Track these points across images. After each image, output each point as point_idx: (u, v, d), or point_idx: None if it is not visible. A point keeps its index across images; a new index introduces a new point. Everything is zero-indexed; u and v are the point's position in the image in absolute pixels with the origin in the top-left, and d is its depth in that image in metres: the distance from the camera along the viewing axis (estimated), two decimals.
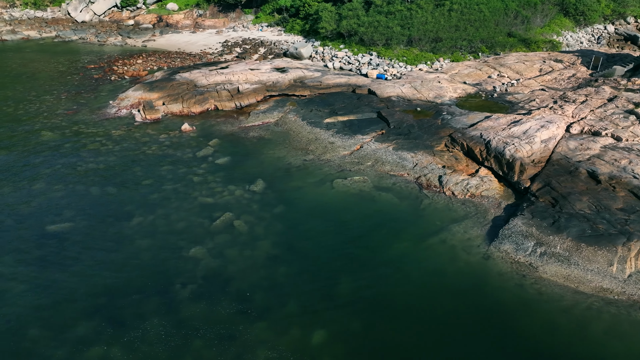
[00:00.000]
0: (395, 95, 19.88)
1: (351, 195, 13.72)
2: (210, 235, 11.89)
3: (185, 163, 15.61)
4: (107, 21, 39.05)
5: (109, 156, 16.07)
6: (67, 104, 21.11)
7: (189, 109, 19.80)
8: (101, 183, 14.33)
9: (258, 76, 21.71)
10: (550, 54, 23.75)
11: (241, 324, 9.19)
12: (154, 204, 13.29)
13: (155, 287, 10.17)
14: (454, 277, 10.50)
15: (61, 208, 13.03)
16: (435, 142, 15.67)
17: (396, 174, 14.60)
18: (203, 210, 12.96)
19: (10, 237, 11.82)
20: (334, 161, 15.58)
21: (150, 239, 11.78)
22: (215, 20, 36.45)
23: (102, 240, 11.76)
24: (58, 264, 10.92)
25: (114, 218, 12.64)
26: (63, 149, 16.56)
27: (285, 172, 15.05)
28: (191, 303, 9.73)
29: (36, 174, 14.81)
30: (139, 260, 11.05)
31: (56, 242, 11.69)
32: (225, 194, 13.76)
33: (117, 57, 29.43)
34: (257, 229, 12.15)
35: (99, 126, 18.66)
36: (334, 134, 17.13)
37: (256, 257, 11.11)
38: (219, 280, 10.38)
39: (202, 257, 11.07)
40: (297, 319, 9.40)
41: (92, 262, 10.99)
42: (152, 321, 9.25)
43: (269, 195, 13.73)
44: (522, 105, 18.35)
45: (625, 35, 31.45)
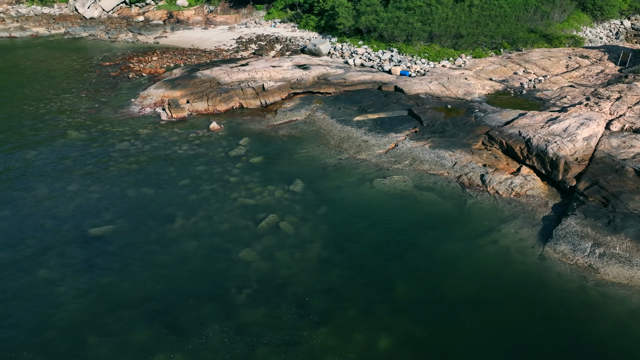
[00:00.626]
0: (424, 92, 19.66)
1: (393, 195, 13.52)
2: (257, 237, 11.67)
3: (218, 163, 15.36)
4: (116, 17, 38.54)
5: (140, 156, 15.80)
6: (89, 103, 20.77)
7: (214, 107, 19.51)
8: (136, 184, 14.07)
9: (281, 73, 21.43)
10: (574, 49, 23.56)
11: (304, 330, 9.00)
12: (194, 205, 13.05)
13: (210, 291, 9.95)
14: (511, 279, 10.33)
15: (100, 210, 12.78)
16: (472, 140, 15.48)
17: (436, 173, 14.42)
18: (245, 212, 12.73)
19: (52, 240, 11.56)
20: (370, 160, 15.37)
21: (196, 241, 11.55)
22: (227, 16, 36.02)
23: (147, 243, 11.53)
24: (106, 269, 10.68)
25: (155, 220, 12.40)
26: (92, 149, 16.26)
27: (322, 172, 14.83)
28: (249, 308, 9.52)
29: (69, 175, 14.52)
30: (189, 264, 10.83)
31: (100, 245, 11.45)
32: (265, 194, 13.53)
33: (131, 55, 29.03)
34: (304, 231, 11.95)
35: (124, 125, 18.36)
36: (367, 132, 16.90)
37: (307, 260, 10.91)
38: (274, 284, 10.18)
39: (252, 260, 10.86)
40: (359, 324, 9.21)
41: (140, 266, 10.76)
42: (212, 327, 9.04)
43: (309, 195, 13.51)
44: (553, 102, 18.17)
45: None
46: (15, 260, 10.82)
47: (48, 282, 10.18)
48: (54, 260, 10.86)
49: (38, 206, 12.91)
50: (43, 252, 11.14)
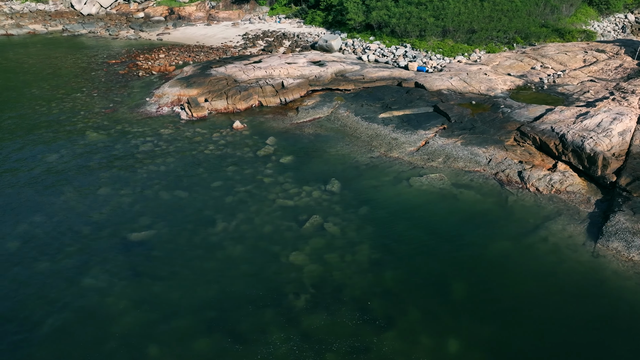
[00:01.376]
0: (446, 88, 19.53)
1: (432, 193, 13.38)
2: (303, 239, 11.43)
3: (248, 163, 15.04)
4: (114, 14, 37.64)
5: (167, 157, 15.39)
6: (102, 102, 20.21)
7: (234, 105, 19.13)
8: (168, 187, 13.70)
9: (299, 70, 21.10)
10: (589, 44, 23.66)
11: (370, 335, 8.81)
12: (232, 207, 12.74)
13: (266, 297, 9.70)
14: (567, 277, 10.27)
15: (136, 215, 12.39)
16: (504, 137, 15.40)
17: (472, 170, 14.31)
18: (286, 213, 12.47)
19: (92, 247, 11.17)
20: (403, 158, 15.20)
21: (241, 245, 11.27)
22: (230, 12, 35.43)
23: (191, 248, 11.21)
24: (152, 276, 10.35)
25: (195, 224, 12.07)
26: (115, 151, 15.81)
27: (355, 171, 14.61)
28: (310, 314, 9.30)
29: (96, 179, 14.08)
30: (238, 269, 10.56)
31: (143, 251, 11.10)
32: (302, 195, 13.27)
33: (137, 52, 28.38)
34: (349, 232, 11.73)
35: (143, 125, 17.89)
36: (394, 130, 16.72)
37: (359, 262, 10.71)
38: (330, 288, 9.97)
39: (303, 264, 10.63)
40: (423, 327, 9.05)
41: (188, 272, 10.46)
42: (276, 335, 8.80)
43: (347, 195, 13.29)
44: (576, 97, 18.20)
45: None
46: (57, 270, 10.42)
47: (96, 292, 9.82)
48: (98, 269, 10.49)
49: (70, 211, 12.49)
50: (85, 261, 10.75)
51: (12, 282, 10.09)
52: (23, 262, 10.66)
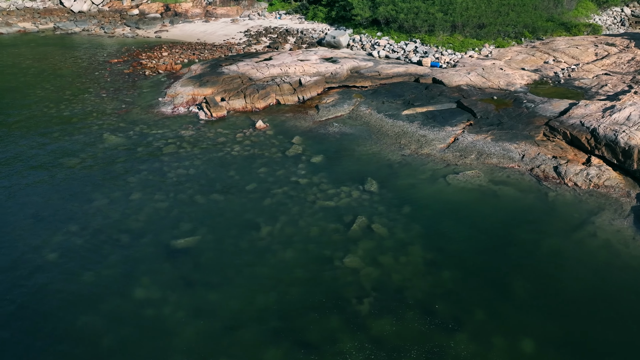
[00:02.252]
0: (465, 83, 19.50)
1: (471, 190, 13.31)
2: (352, 241, 11.21)
3: (279, 164, 14.72)
4: (107, 11, 36.52)
5: (193, 160, 14.95)
6: (113, 103, 19.55)
7: (252, 104, 18.72)
8: (202, 190, 13.29)
9: (315, 67, 20.79)
10: (597, 37, 23.96)
11: (443, 338, 8.67)
12: (272, 210, 12.43)
13: (328, 302, 9.46)
14: (624, 272, 10.30)
15: (175, 221, 11.98)
16: (533, 132, 15.44)
17: (506, 167, 14.30)
18: (329, 215, 12.22)
19: (136, 257, 10.75)
20: (435, 155, 15.10)
21: (291, 249, 10.99)
22: (228, 8, 34.76)
23: (239, 253, 10.88)
24: (205, 284, 10.01)
25: (239, 228, 11.73)
26: (138, 154, 15.28)
27: (389, 169, 14.45)
28: (376, 318, 9.11)
29: (125, 183, 13.58)
30: (293, 274, 10.29)
31: (189, 258, 10.73)
32: (342, 195, 13.04)
33: (138, 50, 27.59)
34: (397, 232, 11.57)
35: (162, 126, 17.36)
36: (421, 127, 16.60)
37: (414, 263, 10.56)
38: (390, 291, 9.79)
39: (359, 267, 10.42)
40: (493, 328, 8.96)
41: (242, 280, 10.14)
42: (347, 342, 8.58)
43: (387, 194, 13.12)
44: (595, 91, 18.39)
45: None
46: (105, 282, 9.98)
47: (150, 304, 9.43)
48: (147, 279, 10.09)
49: (105, 219, 11.99)
50: (130, 271, 10.33)
51: (60, 295, 9.63)
52: (67, 275, 10.18)
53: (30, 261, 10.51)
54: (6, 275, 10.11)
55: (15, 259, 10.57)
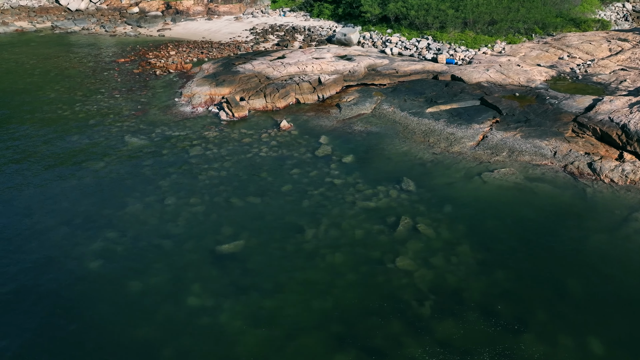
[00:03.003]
0: (485, 80, 19.46)
1: (508, 189, 13.25)
2: (400, 243, 11.07)
3: (310, 165, 14.49)
4: (105, 9, 35.72)
5: (222, 162, 14.64)
6: (128, 104, 19.09)
7: (273, 103, 18.43)
8: (237, 193, 13.02)
9: (333, 66, 20.55)
10: (609, 33, 24.15)
11: (509, 340, 8.56)
12: (312, 212, 12.22)
13: (386, 306, 9.31)
14: None
15: (215, 225, 11.70)
16: (562, 128, 15.46)
17: (540, 164, 14.28)
18: (371, 216, 12.06)
19: (181, 263, 10.45)
20: (466, 153, 15.02)
21: (339, 252, 10.79)
22: (230, 5, 34.26)
23: (286, 258, 10.66)
24: (258, 290, 9.77)
25: (282, 232, 11.50)
26: (164, 156, 14.92)
27: (422, 168, 14.33)
28: (440, 321, 8.98)
29: (156, 188, 13.23)
30: (345, 278, 10.10)
31: (237, 263, 10.48)
32: (380, 195, 12.89)
33: (144, 49, 27.02)
34: (443, 233, 11.46)
35: (183, 127, 16.99)
36: (448, 124, 16.51)
37: (467, 264, 10.44)
38: (448, 292, 9.67)
39: (412, 269, 10.28)
40: (557, 328, 8.88)
41: (295, 285, 9.93)
42: (415, 347, 8.44)
43: (425, 194, 13.00)
44: (615, 87, 18.50)
45: None
46: (154, 290, 9.69)
47: (205, 312, 9.17)
48: (197, 286, 9.81)
49: (143, 225, 11.66)
50: (178, 278, 10.05)
51: (110, 306, 9.32)
52: (113, 283, 9.87)
53: (73, 271, 10.16)
54: (51, 286, 9.76)
55: (58, 270, 10.21)
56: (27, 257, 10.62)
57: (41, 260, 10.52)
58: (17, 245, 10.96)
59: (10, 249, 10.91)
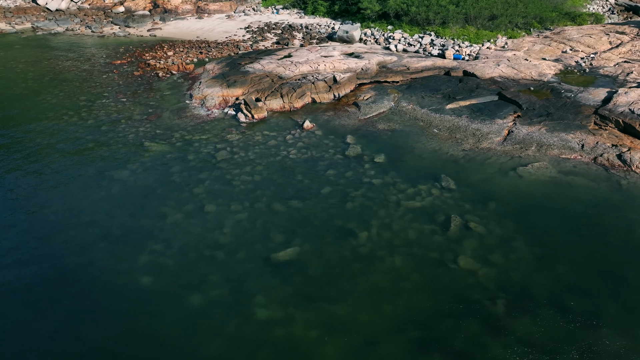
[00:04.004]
0: (497, 75, 19.64)
1: (545, 183, 13.38)
2: (455, 242, 10.97)
3: (344, 166, 14.23)
4: (88, 8, 34.20)
5: (253, 165, 14.19)
6: (137, 108, 18.29)
7: (290, 103, 18.04)
8: (277, 197, 12.63)
9: (346, 64, 20.30)
10: (605, 26, 24.83)
11: (592, 336, 8.56)
12: (359, 214, 11.99)
13: (459, 307, 9.19)
14: None
15: (263, 231, 11.30)
16: (584, 121, 15.75)
17: (569, 157, 14.49)
18: (419, 216, 11.92)
19: (239, 274, 10.04)
20: (495, 149, 15.09)
21: (397, 254, 10.60)
22: (221, 3, 33.42)
23: (345, 262, 10.38)
24: (324, 298, 9.48)
25: (334, 236, 11.22)
26: (191, 162, 14.34)
27: (456, 165, 14.29)
28: (516, 319, 8.93)
29: (192, 195, 12.69)
30: (409, 280, 9.94)
31: (296, 272, 10.13)
32: (423, 194, 12.77)
33: (138, 50, 26.02)
34: (494, 229, 11.43)
35: (202, 131, 16.40)
36: (471, 120, 16.56)
37: (526, 260, 10.43)
38: (517, 290, 9.63)
39: (474, 268, 10.20)
40: (632, 321, 8.97)
41: (360, 290, 9.69)
42: (498, 348, 8.35)
43: (466, 191, 12.96)
44: (623, 79, 19.00)
45: (625, 5, 33.70)
46: (218, 305, 9.26)
47: (277, 324, 8.82)
48: (261, 297, 9.44)
49: (187, 235, 11.15)
50: (240, 290, 9.65)
51: (174, 322, 8.84)
52: (172, 299, 9.39)
53: (125, 288, 9.62)
54: (106, 307, 9.20)
55: (108, 288, 9.65)
56: (74, 277, 9.98)
57: (90, 280, 9.90)
58: (62, 267, 10.27)
59: (55, 269, 10.24)
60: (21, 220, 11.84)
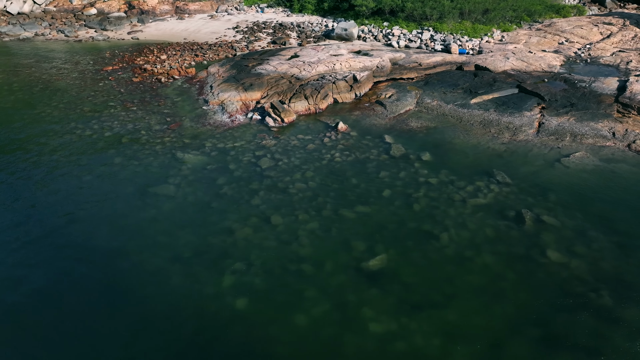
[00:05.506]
0: (509, 68, 20.07)
1: (591, 172, 13.76)
2: (535, 236, 10.98)
3: (393, 166, 13.96)
4: (54, 11, 31.70)
5: (302, 172, 13.61)
6: (152, 117, 17.10)
7: (316, 105, 17.52)
8: (339, 203, 12.16)
9: (361, 62, 19.99)
10: (591, 18, 26.04)
11: None
12: (430, 215, 11.78)
13: (566, 301, 9.17)
14: None
15: (342, 240, 10.81)
16: (608, 110, 16.38)
17: (604, 145, 15.01)
18: (489, 213, 11.85)
19: (333, 287, 9.54)
20: (532, 141, 15.37)
21: (485, 254, 10.46)
22: (201, 3, 32.03)
23: (437, 266, 10.13)
24: (431, 304, 9.20)
25: (413, 239, 10.94)
26: (236, 172, 13.54)
27: (501, 159, 14.40)
28: (625, 310, 9.01)
29: (252, 207, 11.97)
30: (507, 278, 9.83)
31: (392, 279, 9.75)
32: (484, 191, 12.75)
33: (127, 55, 24.42)
34: (566, 221, 11.55)
35: (233, 138, 15.56)
36: (500, 114, 16.79)
37: (609, 249, 10.54)
38: (613, 279, 9.73)
39: (564, 260, 10.21)
40: None
41: (463, 293, 9.46)
42: (618, 340, 8.44)
43: (522, 184, 13.05)
44: (625, 68, 19.99)
45: None
46: (324, 321, 8.74)
47: (395, 336, 8.45)
48: (367, 310, 9.00)
49: (264, 251, 10.48)
50: (342, 304, 9.17)
51: (289, 346, 8.25)
52: (275, 320, 8.76)
53: (221, 315, 8.87)
54: (211, 339, 8.44)
55: (204, 318, 8.86)
56: (159, 310, 9.09)
57: (177, 311, 9.04)
58: (142, 300, 9.34)
59: (139, 305, 9.30)
60: (83, 251, 10.70)
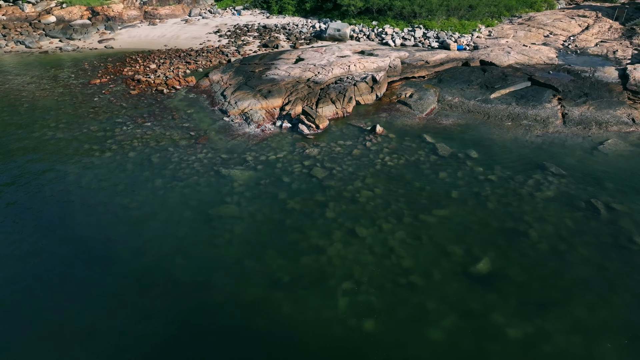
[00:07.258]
0: (514, 62, 20.69)
1: (629, 157, 14.44)
2: (613, 224, 11.28)
3: (447, 165, 13.84)
4: (4, 20, 28.38)
5: (361, 179, 13.09)
6: (172, 132, 15.74)
7: (344, 108, 17.01)
8: (416, 208, 11.82)
9: (375, 62, 19.69)
10: (565, 11, 27.55)
11: None
12: (507, 212, 11.76)
13: None
14: None
15: (436, 246, 10.50)
16: (621, 97, 17.35)
17: (628, 131, 15.87)
18: (560, 205, 12.01)
19: (450, 293, 9.21)
20: (562, 131, 15.92)
21: (577, 246, 10.60)
22: (171, 7, 30.15)
23: (541, 264, 10.10)
24: (556, 303, 9.13)
25: (504, 238, 10.83)
26: (294, 184, 12.76)
27: (541, 151, 14.76)
28: None
29: (328, 221, 11.29)
30: (609, 270, 10.02)
31: (505, 282, 9.56)
32: (546, 183, 12.96)
33: (109, 65, 22.42)
34: (633, 206, 11.99)
35: (270, 149, 14.69)
36: (523, 107, 17.24)
37: None
38: None
39: None
40: None
41: (578, 289, 9.51)
42: None
43: (575, 174, 13.44)
44: (613, 57, 21.29)
45: None
46: (458, 331, 8.40)
47: (539, 340, 8.29)
48: (498, 316, 8.75)
49: (364, 266, 9.90)
50: (468, 311, 8.87)
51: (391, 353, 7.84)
52: (408, 338, 8.28)
53: (350, 340, 8.25)
54: None
55: (321, 335, 8.19)
56: (284, 340, 8.29)
57: (306, 339, 8.30)
58: (255, 332, 8.47)
59: (258, 336, 8.40)
60: (174, 295, 9.52)
